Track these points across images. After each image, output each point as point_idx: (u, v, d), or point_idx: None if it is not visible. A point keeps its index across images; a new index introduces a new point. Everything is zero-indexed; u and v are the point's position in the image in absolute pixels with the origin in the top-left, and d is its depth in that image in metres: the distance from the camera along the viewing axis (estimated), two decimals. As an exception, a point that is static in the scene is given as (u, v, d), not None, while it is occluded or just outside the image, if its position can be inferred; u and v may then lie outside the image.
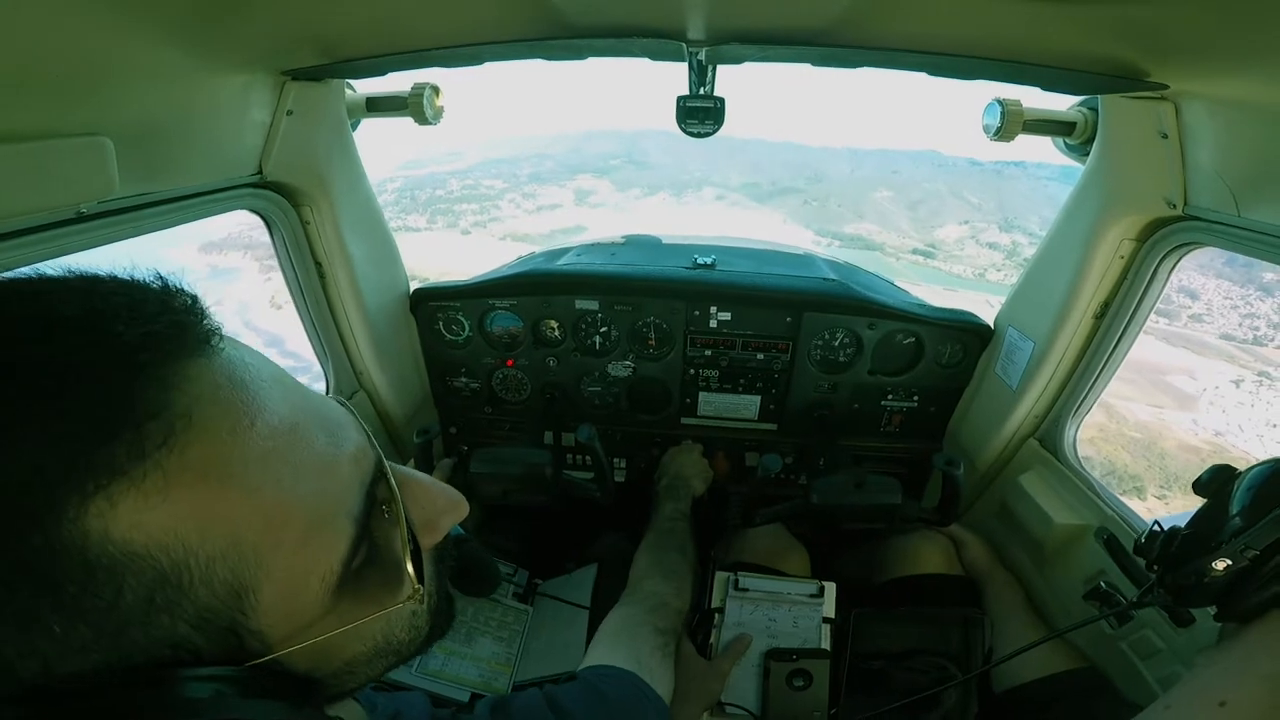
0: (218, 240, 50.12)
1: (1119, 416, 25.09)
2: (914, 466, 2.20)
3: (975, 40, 1.16)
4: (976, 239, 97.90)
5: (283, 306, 10.80)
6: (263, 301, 45.65)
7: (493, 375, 2.20)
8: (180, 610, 0.42)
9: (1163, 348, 42.74)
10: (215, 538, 0.42)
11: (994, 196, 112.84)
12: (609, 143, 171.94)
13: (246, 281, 48.22)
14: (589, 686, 0.98)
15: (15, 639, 0.37)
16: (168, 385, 0.42)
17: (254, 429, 0.45)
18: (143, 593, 0.40)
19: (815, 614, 1.58)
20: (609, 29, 1.24)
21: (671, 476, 2.00)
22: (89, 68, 0.93)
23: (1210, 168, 1.23)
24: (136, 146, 1.08)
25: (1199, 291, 54.78)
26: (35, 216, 0.99)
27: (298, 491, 0.47)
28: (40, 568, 0.37)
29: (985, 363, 1.98)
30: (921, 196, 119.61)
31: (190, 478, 0.41)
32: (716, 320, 2.03)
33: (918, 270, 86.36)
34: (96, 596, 0.39)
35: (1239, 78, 1.05)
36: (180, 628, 0.43)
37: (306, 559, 0.48)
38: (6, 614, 0.37)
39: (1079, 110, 1.54)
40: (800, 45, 1.24)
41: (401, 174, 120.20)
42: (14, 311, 0.41)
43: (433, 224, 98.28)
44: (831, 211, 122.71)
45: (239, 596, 0.44)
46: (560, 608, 1.84)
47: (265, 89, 1.37)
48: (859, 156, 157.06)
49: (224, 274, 50.10)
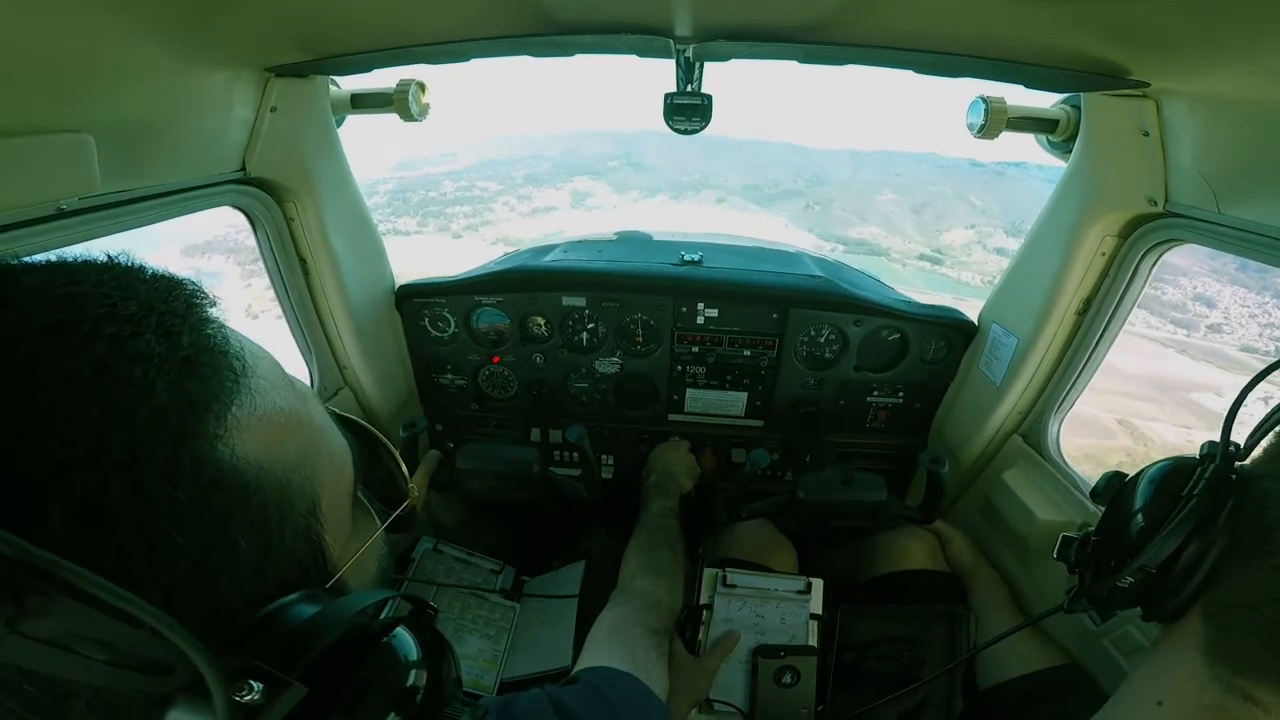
0: (199, 244, 49.22)
1: (1146, 439, 24.52)
2: (899, 462, 2.21)
3: (960, 38, 1.17)
4: (983, 244, 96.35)
5: (259, 316, 10.73)
6: (238, 309, 44.30)
7: (479, 372, 2.19)
8: (293, 524, 0.50)
9: (1185, 362, 41.91)
10: (290, 452, 0.50)
11: (998, 199, 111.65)
12: (606, 144, 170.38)
13: (224, 289, 47.05)
14: (592, 689, 0.98)
15: (220, 552, 0.44)
16: (227, 335, 0.50)
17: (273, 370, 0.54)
18: (273, 506, 0.48)
19: (803, 610, 1.59)
20: (596, 26, 1.23)
21: (659, 473, 2.01)
22: (70, 64, 0.92)
23: (1191, 165, 1.25)
24: (119, 143, 1.08)
25: (1215, 300, 53.00)
26: (14, 213, 0.98)
27: (316, 417, 0.56)
28: (210, 485, 0.43)
29: (969, 359, 2.00)
30: (926, 199, 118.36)
31: (262, 402, 0.49)
32: (703, 317, 2.03)
33: (925, 277, 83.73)
34: (249, 508, 0.46)
35: (1219, 75, 1.06)
36: (297, 545, 0.51)
37: (337, 475, 0.57)
38: (207, 536, 0.43)
39: (1062, 108, 1.55)
40: (786, 42, 1.24)
41: (395, 175, 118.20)
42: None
43: (423, 227, 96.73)
44: (835, 215, 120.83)
45: (314, 505, 0.52)
46: (547, 605, 1.84)
47: (249, 85, 1.36)
48: (860, 158, 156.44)
49: (205, 277, 49.21)
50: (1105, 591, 0.78)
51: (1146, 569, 0.73)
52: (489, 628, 1.77)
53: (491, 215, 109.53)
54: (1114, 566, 0.78)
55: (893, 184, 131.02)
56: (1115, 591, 0.77)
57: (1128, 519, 0.79)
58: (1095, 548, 0.86)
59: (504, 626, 1.79)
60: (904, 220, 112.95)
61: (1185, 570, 0.70)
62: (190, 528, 0.42)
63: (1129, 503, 0.80)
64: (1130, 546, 0.75)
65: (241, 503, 0.45)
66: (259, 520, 0.47)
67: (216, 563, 0.44)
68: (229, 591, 0.45)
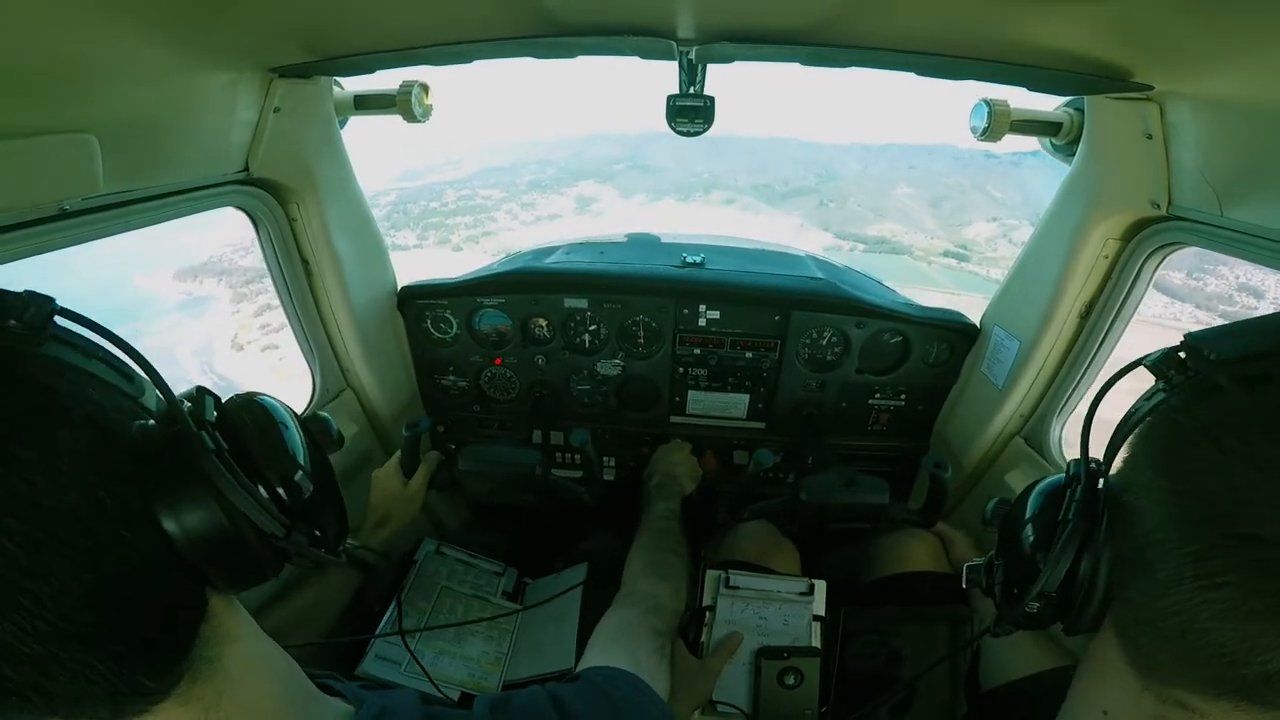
0: (193, 266, 48.02)
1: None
2: (901, 465, 2.21)
3: (963, 40, 1.17)
4: (1009, 237, 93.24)
5: (244, 347, 10.81)
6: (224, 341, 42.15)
7: (481, 374, 2.19)
8: None
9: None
10: None
11: (1017, 190, 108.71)
12: (612, 147, 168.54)
13: (211, 316, 45.26)
14: (592, 687, 0.97)
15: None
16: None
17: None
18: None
19: (806, 612, 1.59)
20: (599, 28, 1.24)
21: (662, 475, 2.00)
22: (74, 65, 0.92)
23: (1194, 168, 1.25)
24: (122, 143, 1.08)
25: (1262, 290, 49.90)
26: (18, 213, 0.98)
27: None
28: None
29: (971, 362, 2.00)
30: (943, 192, 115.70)
31: None
32: (705, 319, 2.03)
33: (952, 275, 79.06)
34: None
35: (1223, 78, 1.06)
36: None
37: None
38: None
39: (1065, 111, 1.56)
40: (789, 45, 1.25)
41: (397, 186, 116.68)
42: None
43: (423, 240, 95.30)
44: (851, 212, 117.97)
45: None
46: (550, 606, 1.84)
47: (252, 86, 1.36)
48: (870, 153, 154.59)
49: (196, 302, 47.40)
50: (1021, 615, 0.79)
51: (1046, 593, 0.73)
52: (491, 629, 1.76)
53: (494, 225, 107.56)
54: (1018, 593, 0.79)
55: (906, 177, 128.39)
56: (1030, 615, 0.77)
57: (1017, 545, 0.81)
58: (1000, 572, 0.86)
59: (506, 628, 1.79)
60: (923, 215, 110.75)
61: (1082, 591, 0.70)
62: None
63: (1016, 529, 0.82)
64: (1026, 573, 0.77)
65: None
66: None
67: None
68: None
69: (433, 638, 1.67)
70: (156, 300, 11.22)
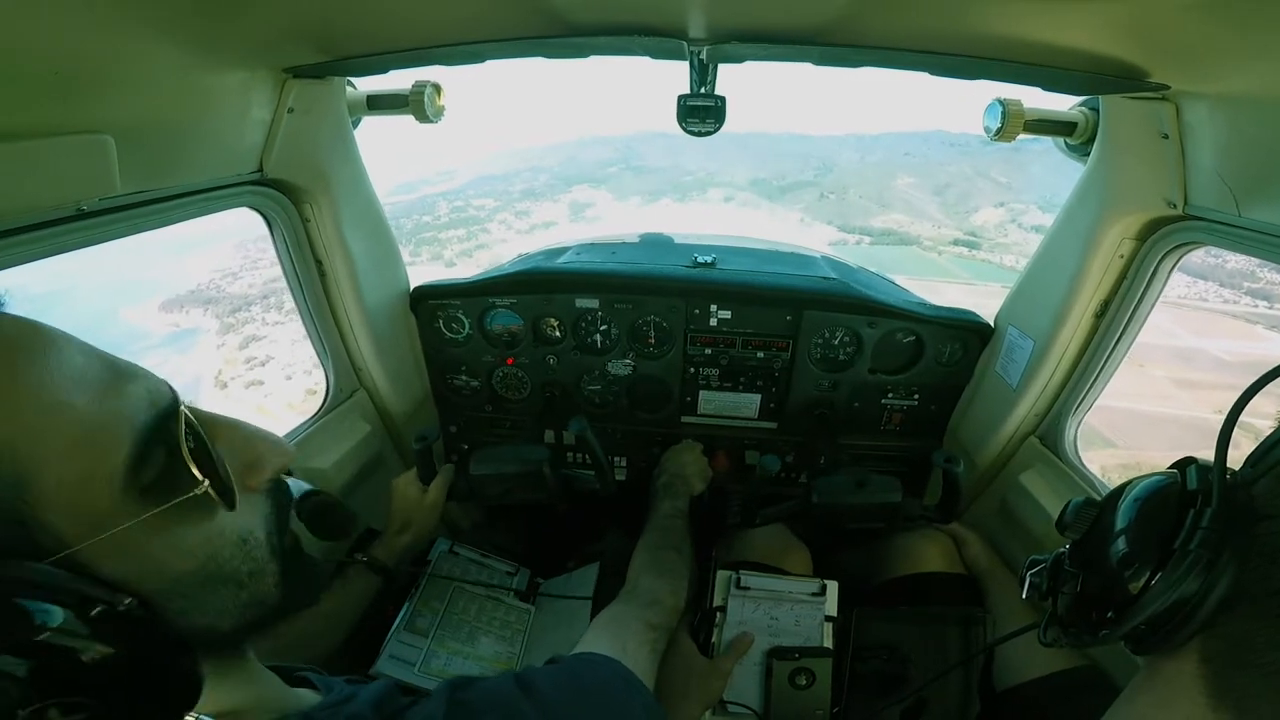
0: (179, 296, 47.46)
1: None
2: (914, 465, 2.20)
3: (976, 40, 1.16)
4: (1018, 222, 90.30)
5: (227, 385, 10.69)
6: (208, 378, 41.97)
7: (493, 373, 2.20)
8: None
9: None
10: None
11: (1021, 173, 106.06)
12: (604, 149, 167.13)
13: (197, 352, 44.21)
14: (566, 670, 0.96)
15: None
16: None
17: (19, 361, 0.55)
18: None
19: (817, 612, 1.58)
20: (610, 28, 1.24)
21: (670, 474, 2.00)
22: (90, 66, 0.93)
23: (1210, 168, 1.23)
24: (138, 144, 1.09)
25: None
26: (36, 214, 0.99)
27: (67, 404, 0.55)
28: None
29: (985, 361, 1.99)
30: (946, 180, 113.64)
31: None
32: (716, 319, 2.03)
33: (965, 264, 76.48)
34: None
35: (1239, 77, 1.05)
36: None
37: (85, 460, 0.55)
38: None
39: (1080, 110, 1.54)
40: (801, 44, 1.24)
41: (389, 201, 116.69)
42: None
43: (416, 257, 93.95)
44: (853, 204, 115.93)
45: (20, 485, 0.52)
46: (562, 607, 1.84)
47: (266, 86, 1.37)
48: (865, 142, 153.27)
49: (183, 335, 46.35)
50: (1089, 633, 0.72)
51: (1138, 626, 0.64)
52: (504, 630, 1.77)
53: (487, 237, 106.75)
54: (1099, 617, 0.70)
55: (905, 166, 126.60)
56: (1101, 633, 0.70)
57: (1110, 561, 0.70)
58: (1073, 581, 0.77)
59: (519, 628, 1.79)
60: (927, 204, 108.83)
61: (1181, 620, 0.61)
62: None
63: (1110, 544, 0.71)
64: (1120, 598, 0.67)
65: None
66: None
67: None
68: None
69: (446, 638, 1.68)
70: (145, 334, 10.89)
